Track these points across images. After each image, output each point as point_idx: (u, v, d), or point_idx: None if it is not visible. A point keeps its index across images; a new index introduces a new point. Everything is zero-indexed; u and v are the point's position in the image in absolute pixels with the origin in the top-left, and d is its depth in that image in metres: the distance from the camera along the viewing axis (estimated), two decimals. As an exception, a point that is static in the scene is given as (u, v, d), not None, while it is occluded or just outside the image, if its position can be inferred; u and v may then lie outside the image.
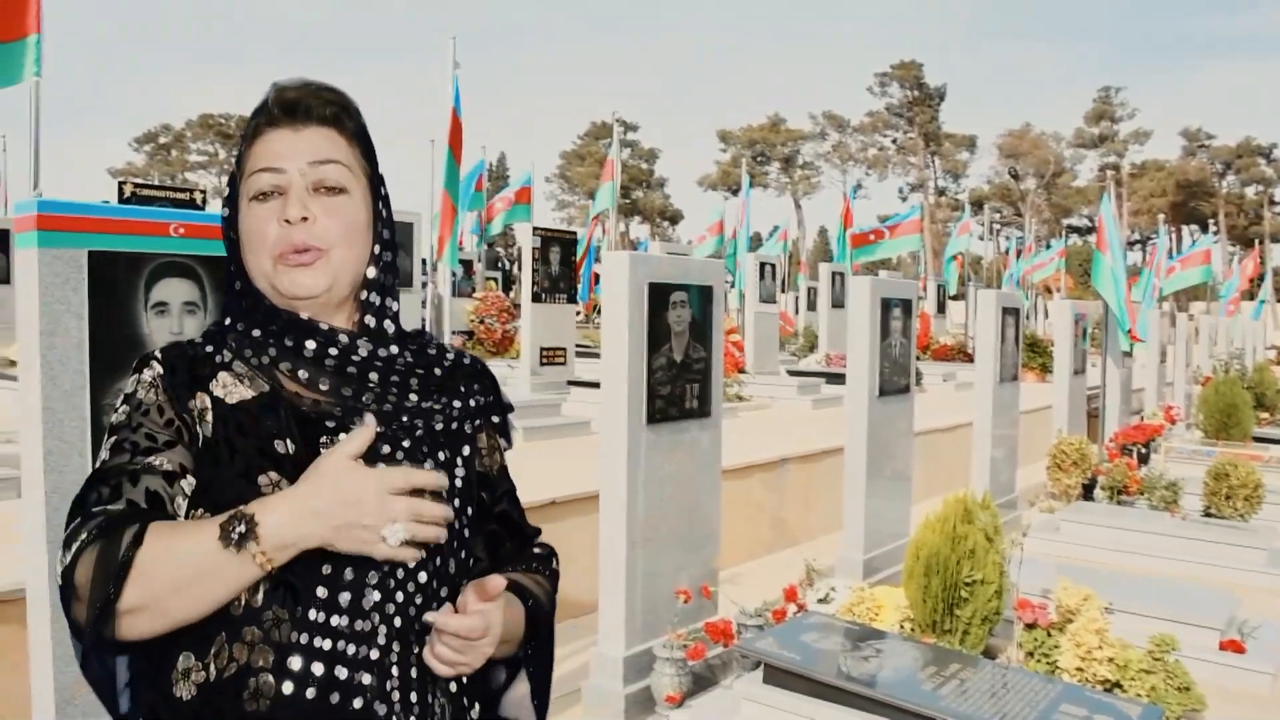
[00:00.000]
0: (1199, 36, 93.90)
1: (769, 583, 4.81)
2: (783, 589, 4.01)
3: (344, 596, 1.16)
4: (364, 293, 1.27)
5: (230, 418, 1.19)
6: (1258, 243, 37.05)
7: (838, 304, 15.23)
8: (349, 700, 1.15)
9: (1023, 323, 7.86)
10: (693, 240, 23.08)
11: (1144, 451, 7.99)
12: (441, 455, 1.29)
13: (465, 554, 1.30)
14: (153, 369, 1.22)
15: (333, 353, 1.22)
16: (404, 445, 1.24)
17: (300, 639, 1.14)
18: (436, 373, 1.30)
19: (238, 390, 1.21)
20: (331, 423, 1.21)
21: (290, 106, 1.23)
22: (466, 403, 1.33)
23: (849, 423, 5.19)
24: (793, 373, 12.50)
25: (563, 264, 9.60)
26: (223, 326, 1.27)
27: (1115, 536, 5.67)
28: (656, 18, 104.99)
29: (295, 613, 1.14)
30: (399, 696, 1.19)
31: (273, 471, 1.16)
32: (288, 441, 1.18)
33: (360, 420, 1.19)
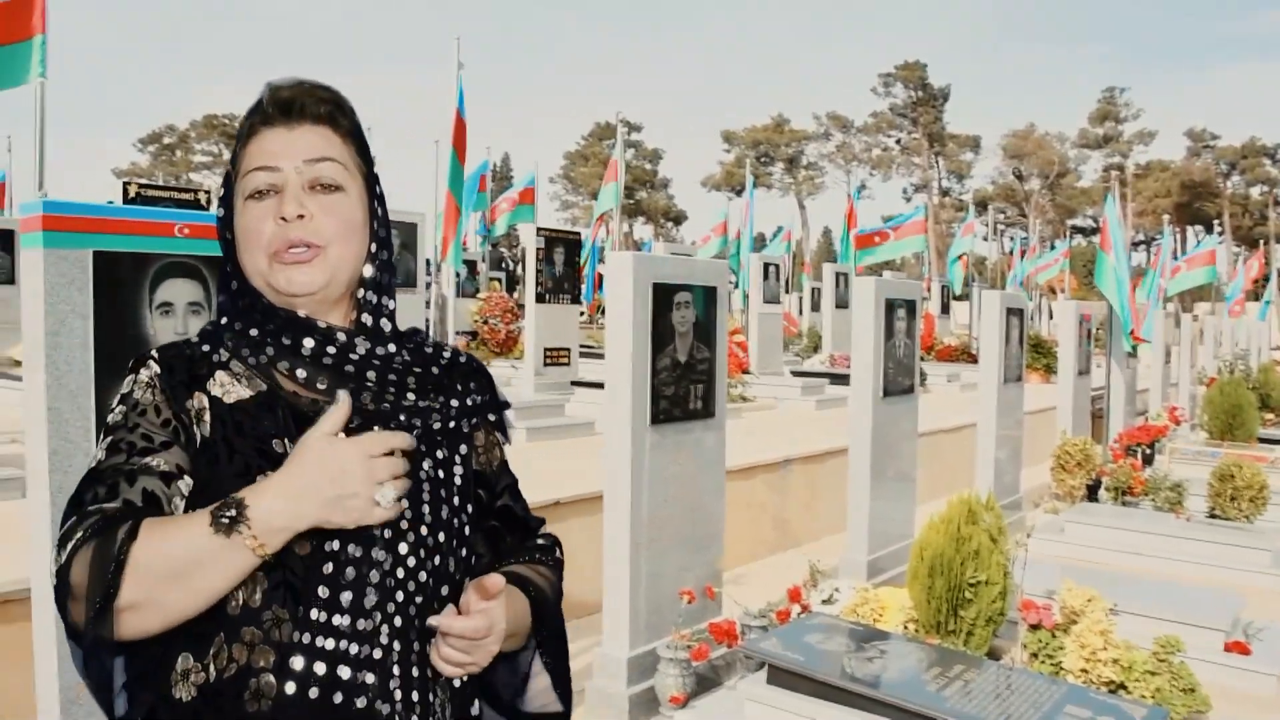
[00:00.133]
0: (1204, 37, 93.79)
1: (773, 583, 4.82)
2: (786, 590, 4.02)
3: (345, 596, 1.15)
4: (361, 291, 1.27)
5: (228, 417, 1.19)
6: (1262, 243, 36.99)
7: (842, 304, 15.22)
8: (353, 699, 1.15)
9: (1027, 323, 7.85)
10: (696, 241, 23.09)
11: (1148, 452, 7.98)
12: (440, 454, 1.28)
13: (466, 552, 1.30)
14: (150, 368, 1.21)
15: (330, 350, 1.21)
16: None
17: (303, 638, 1.13)
18: (434, 371, 1.30)
19: (235, 390, 1.21)
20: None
21: (285, 105, 1.23)
22: (464, 401, 1.33)
23: (853, 423, 5.19)
24: (797, 373, 12.49)
25: (566, 264, 9.60)
26: (219, 326, 1.26)
27: (1120, 538, 5.65)
28: (660, 18, 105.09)
29: (296, 612, 1.13)
30: (400, 695, 1.19)
31: (271, 471, 1.15)
32: (286, 441, 1.18)
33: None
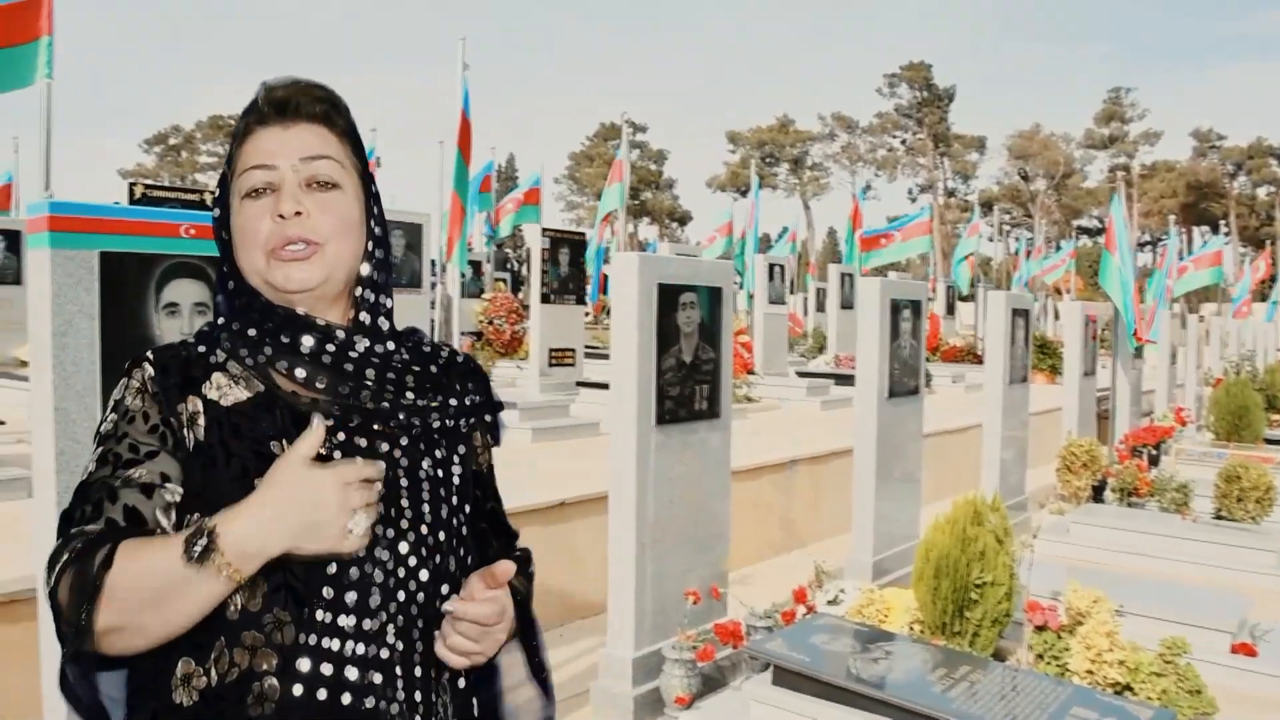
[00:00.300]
0: (1209, 37, 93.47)
1: (778, 584, 4.81)
2: (792, 590, 4.01)
3: (350, 596, 1.15)
4: (358, 289, 1.27)
5: (225, 421, 1.18)
6: (1269, 244, 36.86)
7: (847, 305, 15.22)
8: (361, 700, 1.15)
9: (1032, 324, 7.84)
10: (701, 241, 23.06)
11: (1154, 453, 7.97)
12: (438, 453, 1.28)
13: (463, 551, 1.30)
14: (144, 370, 1.20)
15: (330, 348, 1.21)
16: (401, 443, 1.24)
17: (308, 640, 1.13)
18: (432, 370, 1.30)
19: (232, 392, 1.20)
20: (330, 421, 1.19)
21: (280, 104, 1.23)
22: (462, 401, 1.32)
23: (858, 424, 5.19)
24: (802, 374, 12.49)
25: (571, 265, 9.60)
26: (216, 327, 1.26)
27: (1126, 539, 5.64)
28: (665, 19, 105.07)
29: (300, 614, 1.13)
30: (405, 696, 1.19)
31: None
32: (284, 442, 1.17)
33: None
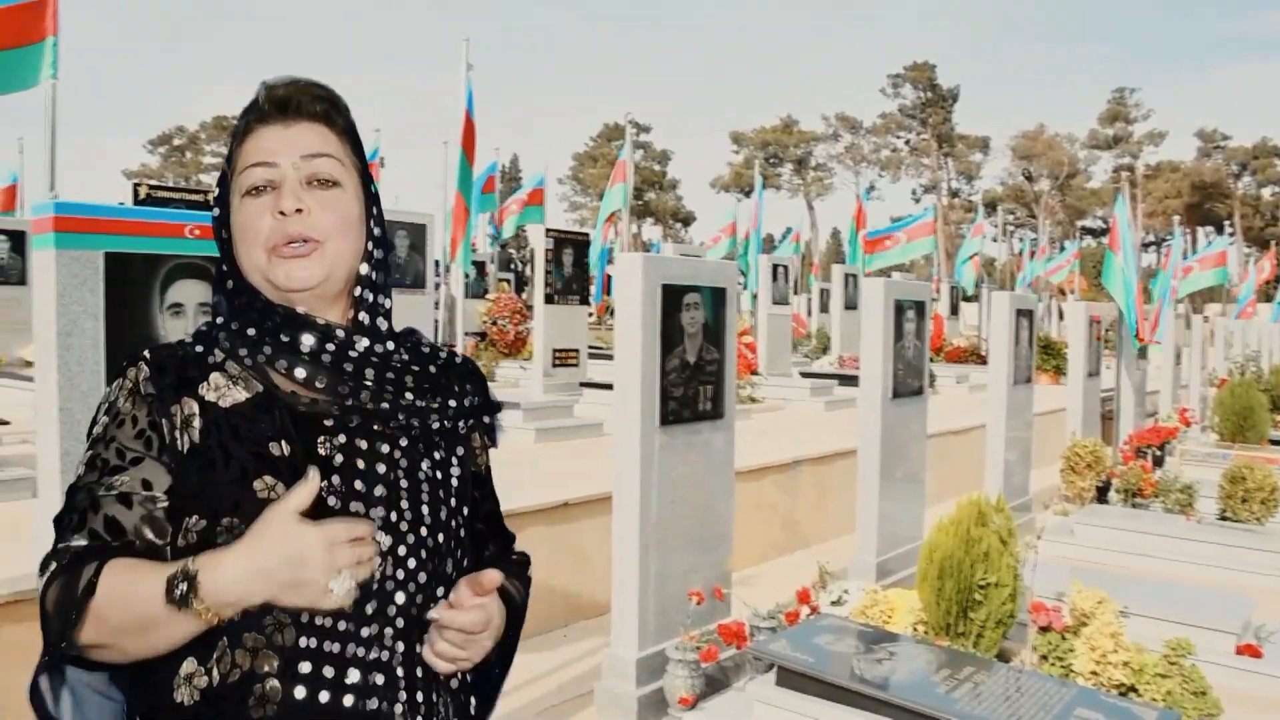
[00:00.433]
0: (1214, 38, 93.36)
1: (782, 585, 4.81)
2: (795, 591, 4.01)
3: None
4: (358, 289, 1.27)
5: (224, 422, 1.17)
6: (1274, 244, 36.78)
7: (851, 306, 15.21)
8: (363, 702, 1.15)
9: (1037, 325, 7.83)
10: (705, 242, 23.04)
11: (1159, 454, 7.95)
12: (437, 454, 1.28)
13: (461, 554, 1.30)
14: (139, 370, 1.20)
15: (329, 348, 1.20)
16: (401, 444, 1.24)
17: (310, 643, 1.13)
18: (431, 371, 1.30)
19: (231, 393, 1.19)
20: (329, 421, 1.19)
21: (281, 103, 1.23)
22: (461, 402, 1.32)
23: (862, 425, 5.18)
24: (805, 374, 12.47)
25: (575, 265, 9.62)
26: (214, 326, 1.25)
27: (1130, 539, 5.63)
28: (668, 19, 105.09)
29: (300, 617, 1.13)
30: (406, 697, 1.20)
31: (268, 475, 1.15)
32: (283, 443, 1.17)
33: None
